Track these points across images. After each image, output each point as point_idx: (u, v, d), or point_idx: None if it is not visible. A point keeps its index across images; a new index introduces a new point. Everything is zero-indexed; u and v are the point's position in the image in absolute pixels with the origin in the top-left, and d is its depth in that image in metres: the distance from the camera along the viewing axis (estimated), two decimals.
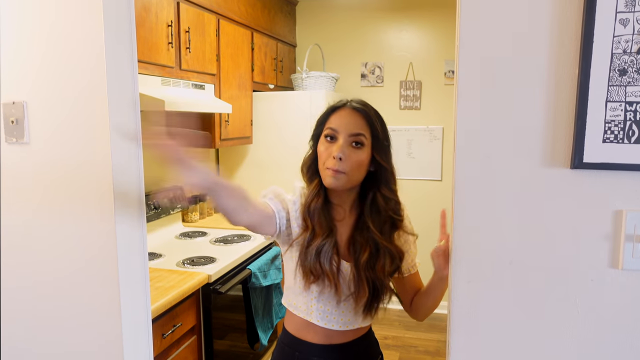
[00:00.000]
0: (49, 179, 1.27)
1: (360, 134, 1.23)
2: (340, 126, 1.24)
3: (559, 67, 0.93)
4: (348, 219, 1.31)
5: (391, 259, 1.26)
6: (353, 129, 1.23)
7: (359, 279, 1.24)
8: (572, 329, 0.98)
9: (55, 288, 1.30)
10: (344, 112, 1.26)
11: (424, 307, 1.34)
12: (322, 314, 1.30)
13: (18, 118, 1.29)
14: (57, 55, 1.23)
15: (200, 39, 2.53)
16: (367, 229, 1.26)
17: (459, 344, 1.04)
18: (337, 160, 1.20)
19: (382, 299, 1.28)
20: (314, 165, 1.31)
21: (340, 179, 1.22)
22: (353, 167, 1.22)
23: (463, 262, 1.03)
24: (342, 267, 1.27)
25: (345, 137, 1.23)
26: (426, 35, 3.78)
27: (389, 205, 1.27)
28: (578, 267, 0.97)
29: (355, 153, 1.22)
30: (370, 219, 1.26)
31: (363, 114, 1.25)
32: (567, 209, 0.96)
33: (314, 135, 1.32)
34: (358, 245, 1.26)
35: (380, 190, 1.27)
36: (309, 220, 1.27)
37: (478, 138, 0.99)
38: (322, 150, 1.25)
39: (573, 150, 0.93)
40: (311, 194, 1.29)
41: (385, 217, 1.27)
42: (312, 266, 1.24)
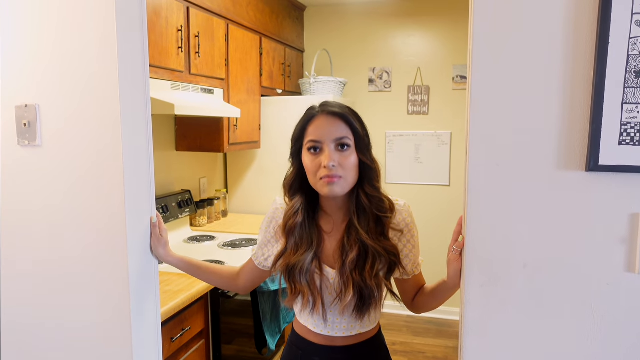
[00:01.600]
0: (62, 181, 1.28)
1: (344, 136, 1.20)
2: (322, 135, 1.20)
3: (574, 68, 0.93)
4: (339, 228, 1.29)
5: (380, 258, 1.23)
6: (336, 134, 1.20)
7: (345, 280, 1.23)
8: (588, 333, 0.97)
9: (65, 292, 1.30)
10: (321, 120, 1.22)
11: (427, 306, 1.33)
12: (317, 321, 1.31)
13: (30, 121, 1.30)
14: (69, 58, 1.23)
15: (209, 44, 2.54)
16: (356, 231, 1.24)
17: (472, 347, 1.03)
18: (329, 168, 1.18)
19: (371, 301, 1.24)
20: (296, 183, 1.29)
21: (339, 183, 1.20)
22: (347, 169, 1.20)
23: (476, 266, 1.02)
24: (328, 277, 1.27)
25: (330, 144, 1.20)
26: (434, 40, 3.78)
27: (372, 203, 1.24)
28: (593, 271, 0.96)
29: (344, 156, 1.20)
30: (356, 219, 1.24)
31: (340, 117, 1.22)
32: (583, 212, 0.95)
33: (293, 153, 1.29)
34: (347, 247, 1.24)
35: (364, 188, 1.24)
36: (285, 239, 1.28)
37: (491, 142, 0.99)
38: (309, 163, 1.22)
39: (588, 152, 0.93)
40: (289, 212, 1.29)
41: (370, 215, 1.25)
42: (290, 282, 1.27)
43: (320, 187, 1.21)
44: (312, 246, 1.26)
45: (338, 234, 1.29)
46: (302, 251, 1.25)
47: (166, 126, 2.80)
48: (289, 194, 1.31)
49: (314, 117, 1.24)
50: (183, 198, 2.83)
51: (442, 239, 3.45)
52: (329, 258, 1.29)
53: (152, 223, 1.35)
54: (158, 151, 2.71)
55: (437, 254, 1.22)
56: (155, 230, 1.35)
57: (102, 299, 1.27)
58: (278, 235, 1.33)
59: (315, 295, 1.26)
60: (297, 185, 1.30)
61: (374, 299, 1.24)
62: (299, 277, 1.25)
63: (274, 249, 1.36)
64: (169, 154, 2.84)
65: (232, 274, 1.45)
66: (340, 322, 1.30)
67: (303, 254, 1.25)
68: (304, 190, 1.29)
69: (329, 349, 1.32)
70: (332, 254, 1.28)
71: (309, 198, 1.30)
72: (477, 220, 1.01)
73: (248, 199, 3.51)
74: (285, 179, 1.33)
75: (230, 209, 3.55)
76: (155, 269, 1.37)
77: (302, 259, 1.24)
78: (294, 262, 1.25)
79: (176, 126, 2.87)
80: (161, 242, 1.36)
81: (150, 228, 1.35)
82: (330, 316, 1.29)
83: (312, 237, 1.27)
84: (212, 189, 3.37)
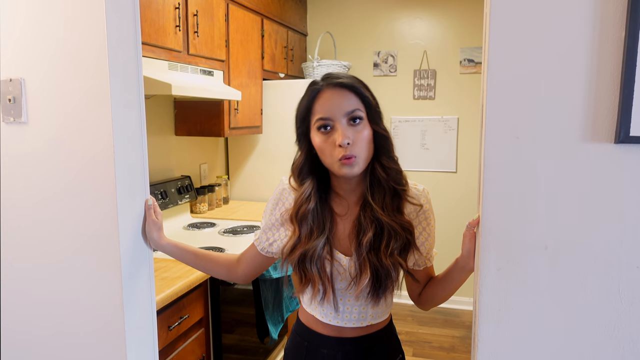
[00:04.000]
0: (49, 160, 1.20)
1: (355, 109, 1.11)
2: (332, 111, 1.10)
3: (602, 29, 0.84)
4: (353, 211, 1.20)
5: (396, 235, 1.13)
6: (346, 107, 1.10)
7: (361, 262, 1.14)
8: (615, 319, 0.89)
9: (54, 273, 1.23)
10: (327, 94, 1.12)
11: (436, 297, 1.24)
12: (326, 310, 1.23)
13: (15, 96, 1.22)
14: (56, 30, 1.16)
15: (208, 23, 2.45)
16: (371, 208, 1.15)
17: (488, 334, 0.96)
18: (344, 147, 1.08)
19: (388, 282, 1.15)
20: (306, 167, 1.19)
21: (356, 164, 1.10)
22: (362, 146, 1.11)
23: (492, 248, 0.94)
24: (341, 263, 1.18)
25: (342, 119, 1.10)
26: (441, 22, 3.67)
27: (389, 175, 1.15)
28: (622, 253, 0.88)
29: (358, 131, 1.11)
30: (370, 196, 1.15)
31: (348, 88, 1.12)
32: (611, 188, 0.87)
33: (300, 135, 1.19)
34: (362, 227, 1.15)
35: (380, 160, 1.15)
36: (297, 226, 1.18)
37: (510, 112, 0.90)
38: (321, 143, 1.12)
39: (618, 122, 0.84)
40: (300, 198, 1.18)
41: (386, 189, 1.15)
42: (300, 270, 1.17)
43: (338, 169, 1.12)
44: (324, 231, 1.17)
45: (352, 216, 1.20)
46: (315, 237, 1.16)
47: (165, 110, 2.72)
48: (299, 179, 1.20)
49: (319, 91, 1.14)
50: (183, 184, 2.75)
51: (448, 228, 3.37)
52: (340, 243, 1.20)
53: (146, 205, 1.27)
54: (157, 136, 2.63)
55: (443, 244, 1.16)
56: (150, 212, 1.27)
57: (93, 283, 1.20)
58: (285, 221, 1.24)
59: (325, 284, 1.17)
60: (307, 169, 1.19)
61: (390, 279, 1.15)
62: (309, 265, 1.15)
63: (279, 233, 1.26)
64: (168, 138, 2.76)
65: (231, 262, 1.35)
66: (351, 312, 1.22)
67: (315, 240, 1.16)
68: (314, 173, 1.19)
69: (337, 340, 1.24)
70: (346, 238, 1.20)
71: (320, 180, 1.20)
72: (494, 199, 0.92)
73: (250, 185, 3.44)
74: (294, 164, 1.22)
75: (232, 196, 3.47)
76: (149, 253, 1.30)
77: (314, 245, 1.15)
78: (305, 250, 1.15)
79: (175, 110, 2.79)
80: (156, 226, 1.28)
81: (145, 211, 1.27)
82: (341, 305, 1.21)
83: (324, 222, 1.18)
84: (213, 175, 3.29)
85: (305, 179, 1.19)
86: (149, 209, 1.27)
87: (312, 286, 1.17)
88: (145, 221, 1.27)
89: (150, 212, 1.27)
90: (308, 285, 1.18)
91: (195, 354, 1.90)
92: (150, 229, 1.26)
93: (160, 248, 1.31)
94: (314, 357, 1.26)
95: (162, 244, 1.30)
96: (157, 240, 1.28)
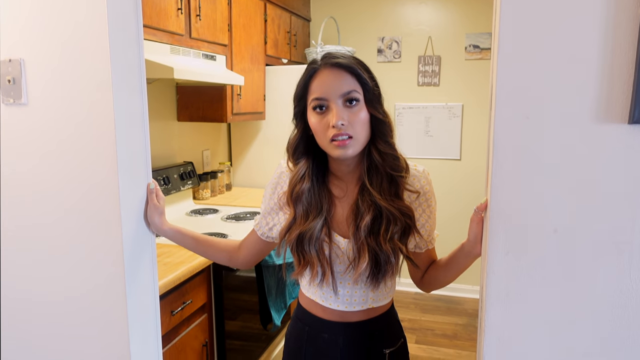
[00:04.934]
0: (49, 142, 1.19)
1: (351, 90, 1.08)
2: (327, 91, 1.09)
3: (617, 7, 0.81)
4: (351, 193, 1.19)
5: (395, 220, 1.12)
6: (342, 88, 1.08)
7: (359, 246, 1.13)
8: (625, 305, 0.88)
9: (54, 258, 1.22)
10: (324, 74, 1.10)
11: (439, 281, 1.22)
12: (326, 293, 1.22)
13: (15, 77, 1.20)
14: (56, 11, 1.13)
15: (211, 7, 2.42)
16: (368, 192, 1.13)
17: (496, 320, 0.94)
18: (338, 127, 1.07)
19: (387, 267, 1.14)
20: (301, 146, 1.18)
21: (351, 145, 1.08)
22: (357, 127, 1.09)
23: (501, 232, 0.92)
24: (339, 245, 1.17)
25: (337, 100, 1.08)
26: (446, 8, 3.62)
27: (386, 161, 1.13)
28: (634, 235, 0.86)
29: (353, 113, 1.08)
30: (368, 180, 1.13)
31: (346, 68, 1.09)
32: (624, 170, 0.85)
33: (297, 113, 1.18)
34: (360, 211, 1.13)
35: (376, 144, 1.13)
36: (292, 207, 1.17)
37: (520, 91, 0.87)
38: (316, 123, 1.11)
39: (633, 102, 0.81)
40: (295, 178, 1.17)
41: (383, 174, 1.13)
42: (297, 252, 1.16)
43: (331, 150, 1.10)
44: (321, 212, 1.16)
45: (350, 199, 1.18)
46: (312, 218, 1.15)
47: (167, 95, 2.70)
48: (293, 158, 1.19)
49: (317, 71, 1.12)
50: (185, 170, 2.74)
51: (452, 215, 3.36)
52: (339, 225, 1.19)
53: (149, 189, 1.25)
54: (159, 121, 2.61)
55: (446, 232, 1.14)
56: (152, 197, 1.25)
57: (95, 267, 1.19)
58: (283, 205, 1.23)
59: (324, 266, 1.16)
60: (302, 148, 1.18)
61: (389, 264, 1.13)
62: (307, 247, 1.14)
63: (278, 217, 1.25)
64: (170, 124, 2.74)
65: (232, 247, 1.34)
66: (351, 295, 1.21)
67: (312, 221, 1.14)
68: (310, 153, 1.18)
69: (338, 325, 1.23)
70: (344, 221, 1.18)
71: (316, 161, 1.18)
72: (503, 181, 0.90)
73: (253, 172, 3.42)
74: (289, 142, 1.21)
75: (234, 183, 3.46)
76: (151, 238, 1.28)
77: (311, 226, 1.14)
78: (303, 231, 1.14)
79: (177, 95, 2.76)
80: (157, 211, 1.26)
81: (147, 195, 1.25)
82: (341, 288, 1.20)
83: (321, 203, 1.16)
84: (216, 161, 3.27)
85: (300, 159, 1.18)
86: (151, 193, 1.25)
87: (310, 268, 1.16)
88: (147, 205, 1.25)
89: (152, 196, 1.25)
90: (306, 268, 1.17)
91: (198, 339, 1.90)
92: (152, 213, 1.25)
93: (162, 233, 1.30)
94: (314, 342, 1.26)
95: (164, 228, 1.28)
96: (159, 225, 1.27)
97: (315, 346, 1.25)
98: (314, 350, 1.26)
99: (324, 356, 1.24)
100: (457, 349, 3.09)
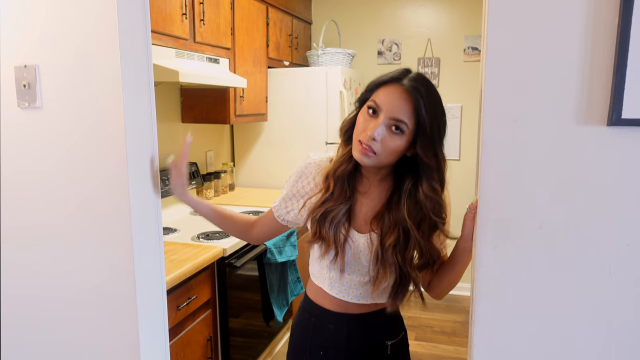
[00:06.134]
0: (62, 144, 1.25)
1: (402, 121, 1.11)
2: (384, 105, 1.12)
3: (597, 14, 0.87)
4: (374, 192, 1.25)
5: (421, 253, 1.19)
6: (396, 113, 1.11)
7: (383, 261, 1.19)
8: (605, 295, 0.93)
9: (67, 253, 1.28)
10: (394, 89, 1.13)
11: (443, 282, 1.27)
12: (333, 282, 1.28)
13: (30, 82, 1.26)
14: (68, 18, 1.19)
15: (214, 11, 2.48)
16: (399, 212, 1.18)
17: (484, 313, 1.00)
18: (370, 139, 1.12)
19: (407, 287, 1.21)
20: (351, 130, 1.22)
21: (370, 159, 1.14)
22: (385, 151, 1.14)
23: (489, 227, 0.98)
24: (352, 238, 1.24)
25: (386, 119, 1.12)
26: (445, 10, 3.68)
27: (427, 204, 1.17)
28: (613, 231, 0.92)
29: (392, 138, 1.13)
30: (405, 206, 1.18)
31: (413, 99, 1.11)
32: (603, 169, 0.91)
33: (359, 99, 1.23)
34: (386, 225, 1.19)
35: (421, 184, 1.17)
36: (332, 183, 1.23)
37: (508, 98, 0.93)
38: (361, 120, 1.16)
39: (610, 105, 0.87)
40: (341, 158, 1.24)
41: (424, 214, 1.18)
42: (317, 225, 1.23)
43: (354, 148, 1.17)
44: (349, 200, 1.23)
45: (372, 198, 1.25)
46: (341, 201, 1.22)
47: (172, 97, 2.76)
48: (344, 138, 1.26)
49: (393, 81, 1.16)
50: (189, 170, 2.80)
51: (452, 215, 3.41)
52: (356, 219, 1.25)
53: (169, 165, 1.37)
54: (164, 123, 2.68)
55: None
56: (172, 172, 1.36)
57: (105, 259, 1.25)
58: (316, 184, 1.29)
59: (338, 249, 1.23)
60: (351, 133, 1.23)
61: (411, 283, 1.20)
62: (328, 225, 1.21)
63: (298, 204, 1.32)
64: (174, 125, 2.80)
65: (247, 222, 1.44)
66: (357, 288, 1.27)
67: (340, 204, 1.21)
68: None
69: (343, 316, 1.29)
70: (362, 216, 1.25)
71: None
72: (492, 180, 0.96)
73: (255, 172, 3.48)
74: (343, 122, 1.27)
75: (237, 183, 3.52)
76: (159, 234, 1.34)
77: (338, 208, 1.21)
78: (330, 209, 1.21)
79: (182, 97, 2.83)
80: (179, 183, 1.37)
81: (171, 169, 1.36)
82: (348, 279, 1.26)
83: (352, 191, 1.24)
84: (219, 162, 3.34)
85: (348, 142, 1.24)
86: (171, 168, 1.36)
87: (325, 245, 1.23)
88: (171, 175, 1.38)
89: (172, 172, 1.35)
90: (319, 241, 1.24)
91: (202, 334, 1.96)
92: (175, 186, 1.37)
93: (183, 201, 1.40)
94: (320, 332, 1.32)
95: (184, 198, 1.39)
96: (180, 195, 1.39)
97: (321, 336, 1.32)
98: (319, 340, 1.32)
99: (328, 346, 1.31)
100: (456, 345, 3.14)
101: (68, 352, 1.33)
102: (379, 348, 1.30)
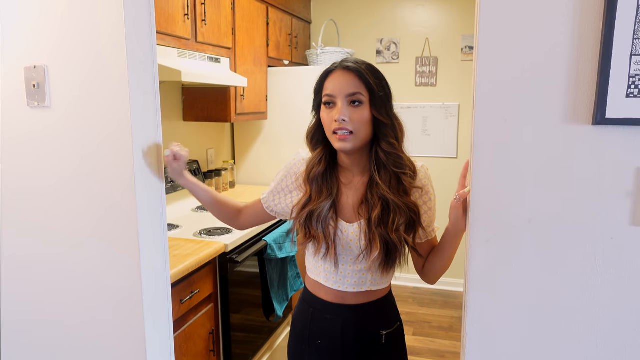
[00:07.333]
0: (71, 142, 1.29)
1: (356, 92, 1.23)
2: (335, 90, 1.24)
3: (582, 19, 0.92)
4: (358, 182, 1.32)
5: (401, 212, 1.25)
6: (348, 89, 1.23)
7: (371, 236, 1.26)
8: (591, 287, 0.98)
9: (74, 249, 1.32)
10: (337, 74, 1.26)
11: (436, 266, 1.34)
12: (328, 274, 1.34)
13: (39, 82, 1.31)
14: (76, 19, 1.23)
15: (215, 12, 2.52)
16: (377, 186, 1.27)
17: (477, 303, 1.05)
18: (339, 122, 1.22)
19: (396, 256, 1.27)
20: (317, 134, 1.34)
21: (350, 139, 1.23)
22: (357, 125, 1.23)
23: (481, 221, 1.03)
24: (341, 229, 1.30)
25: (343, 99, 1.23)
26: (443, 9, 3.73)
27: (389, 160, 1.27)
28: (598, 225, 0.96)
29: (355, 112, 1.23)
30: (377, 175, 1.27)
31: (355, 72, 1.24)
32: (588, 166, 0.95)
33: (314, 105, 1.33)
34: (370, 203, 1.27)
35: (380, 145, 1.27)
36: (309, 186, 1.32)
37: (497, 94, 0.98)
38: (325, 117, 1.27)
39: (595, 106, 0.92)
40: (313, 161, 1.33)
41: (390, 172, 1.27)
42: (305, 226, 1.30)
43: (334, 142, 1.26)
44: (331, 195, 1.30)
45: (356, 189, 1.32)
46: (322, 198, 1.29)
47: (173, 96, 2.80)
48: (311, 144, 1.36)
49: (331, 72, 1.28)
50: (191, 168, 2.85)
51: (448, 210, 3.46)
52: (343, 210, 1.32)
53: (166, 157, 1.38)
54: (165, 121, 2.72)
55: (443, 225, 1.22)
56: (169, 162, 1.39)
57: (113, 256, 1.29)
58: (298, 185, 1.38)
59: (328, 243, 1.29)
60: (318, 137, 1.34)
61: (397, 252, 1.27)
62: (315, 224, 1.29)
63: (285, 198, 1.41)
64: (176, 124, 2.85)
65: (236, 209, 1.51)
66: (351, 277, 1.32)
67: (322, 202, 1.29)
68: (325, 142, 1.33)
69: (340, 306, 1.35)
70: (349, 207, 1.32)
71: (330, 150, 1.33)
72: (483, 176, 1.01)
73: (255, 170, 3.53)
74: (307, 130, 1.37)
75: (238, 180, 3.57)
76: (164, 229, 1.39)
77: (320, 206, 1.29)
78: (313, 209, 1.29)
79: (183, 96, 2.87)
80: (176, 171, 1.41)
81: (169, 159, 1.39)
82: (342, 269, 1.32)
83: (331, 187, 1.31)
84: (220, 160, 3.38)
85: (317, 146, 1.34)
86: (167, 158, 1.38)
87: (316, 243, 1.30)
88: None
89: (169, 162, 1.38)
90: (311, 241, 1.31)
91: (205, 328, 2.01)
92: (173, 174, 1.42)
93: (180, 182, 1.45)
94: (318, 322, 1.38)
95: (181, 181, 1.44)
96: (177, 179, 1.44)
97: (319, 326, 1.38)
98: (317, 329, 1.38)
99: (326, 335, 1.37)
100: (453, 340, 3.20)
101: (74, 345, 1.37)
102: (374, 338, 1.36)
